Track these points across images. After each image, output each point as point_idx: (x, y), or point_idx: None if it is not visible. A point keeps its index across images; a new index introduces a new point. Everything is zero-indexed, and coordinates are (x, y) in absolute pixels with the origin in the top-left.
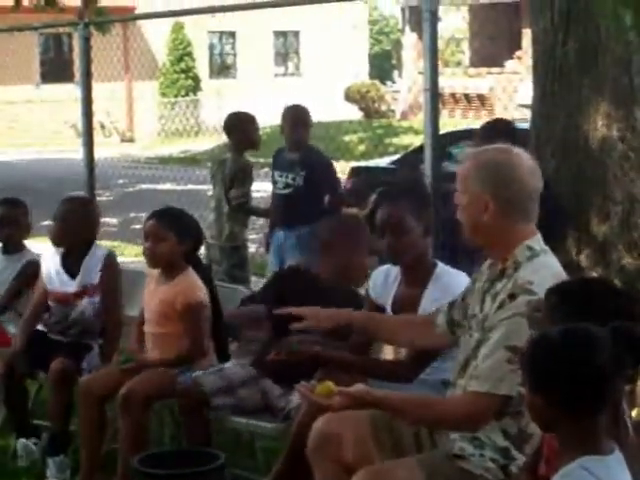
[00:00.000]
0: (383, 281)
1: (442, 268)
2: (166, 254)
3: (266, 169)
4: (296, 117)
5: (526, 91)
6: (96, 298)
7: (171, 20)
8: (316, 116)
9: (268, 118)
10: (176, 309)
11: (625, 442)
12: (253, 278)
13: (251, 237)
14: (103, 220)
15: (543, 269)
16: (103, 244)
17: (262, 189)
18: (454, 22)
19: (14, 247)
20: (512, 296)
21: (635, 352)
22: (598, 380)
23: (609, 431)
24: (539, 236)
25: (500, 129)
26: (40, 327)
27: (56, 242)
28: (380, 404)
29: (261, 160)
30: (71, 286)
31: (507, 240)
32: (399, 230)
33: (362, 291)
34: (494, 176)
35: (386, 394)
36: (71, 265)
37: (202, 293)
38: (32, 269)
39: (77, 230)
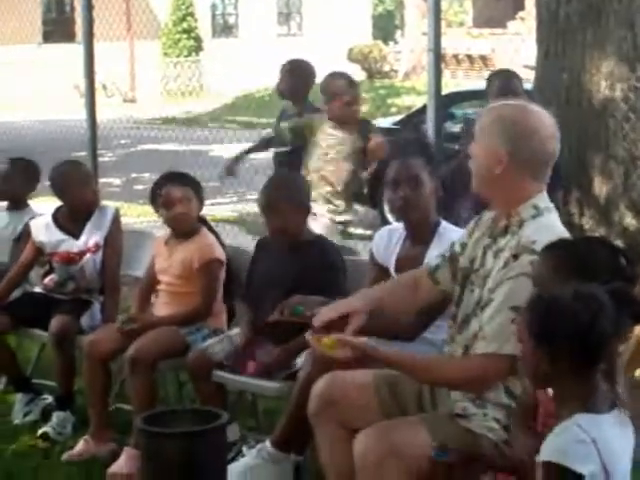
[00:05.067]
0: (387, 241)
1: (445, 226)
2: (194, 216)
3: (269, 130)
4: (288, 69)
5: (529, 52)
6: (97, 256)
7: None
8: (319, 76)
9: (270, 79)
10: (194, 267)
11: (620, 402)
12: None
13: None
14: (105, 180)
15: (547, 228)
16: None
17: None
18: None
19: (17, 205)
20: (515, 256)
21: (631, 313)
22: (601, 339)
23: (605, 391)
24: (545, 194)
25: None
26: (38, 289)
27: (67, 207)
28: (389, 361)
29: (263, 120)
30: (74, 246)
31: (514, 196)
32: (416, 183)
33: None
34: (513, 132)
35: (396, 352)
36: (72, 225)
37: (219, 251)
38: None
39: (71, 194)
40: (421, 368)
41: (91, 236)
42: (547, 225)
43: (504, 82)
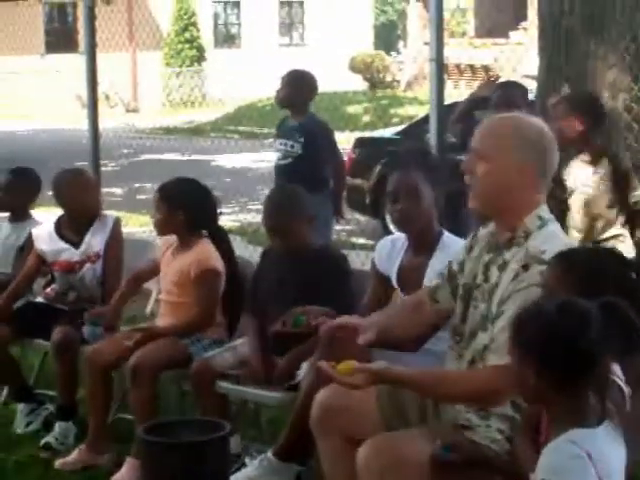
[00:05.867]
0: (389, 251)
1: (448, 237)
2: (162, 224)
3: (270, 140)
4: (287, 79)
5: (531, 62)
6: (97, 265)
7: None
8: (321, 86)
9: (273, 89)
10: (190, 277)
11: (615, 416)
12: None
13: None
14: (108, 190)
15: (554, 238)
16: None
17: (266, 159)
18: None
19: (19, 215)
20: (525, 267)
21: (623, 328)
22: (588, 355)
23: (596, 406)
24: (545, 205)
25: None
26: (40, 299)
27: (67, 214)
28: (401, 380)
29: (265, 130)
30: (75, 255)
31: (522, 208)
32: (414, 195)
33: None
34: (541, 147)
35: (407, 371)
36: (73, 234)
37: (217, 261)
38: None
39: (71, 201)
40: (434, 387)
41: (91, 245)
42: (554, 235)
43: (505, 93)
